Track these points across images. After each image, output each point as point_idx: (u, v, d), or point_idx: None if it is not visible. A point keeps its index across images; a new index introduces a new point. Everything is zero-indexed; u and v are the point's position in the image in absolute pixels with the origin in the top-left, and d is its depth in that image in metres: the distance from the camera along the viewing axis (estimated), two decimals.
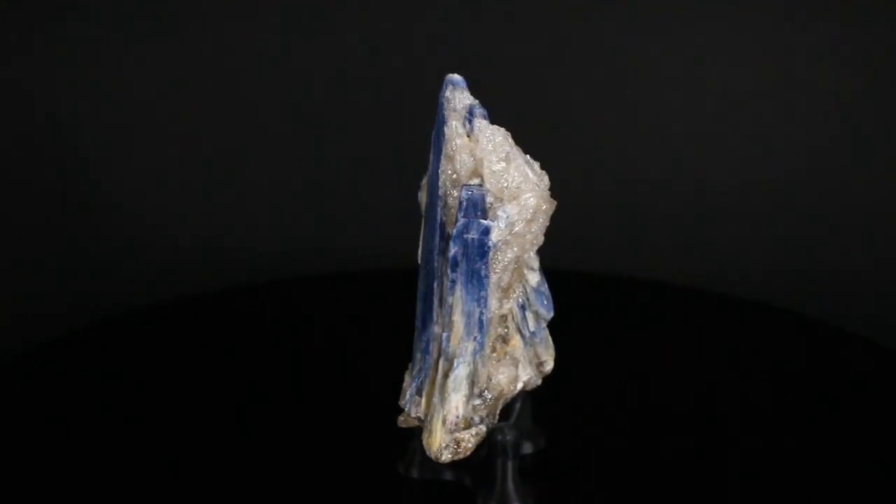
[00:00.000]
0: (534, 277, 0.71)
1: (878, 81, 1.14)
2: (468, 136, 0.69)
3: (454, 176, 0.69)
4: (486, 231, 0.68)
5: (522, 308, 0.71)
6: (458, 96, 0.69)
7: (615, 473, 0.75)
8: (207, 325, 0.93)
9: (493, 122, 0.70)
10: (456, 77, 0.70)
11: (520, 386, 0.72)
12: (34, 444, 0.78)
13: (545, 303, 0.72)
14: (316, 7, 1.15)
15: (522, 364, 0.72)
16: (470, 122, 0.69)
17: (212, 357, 0.88)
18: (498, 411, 0.72)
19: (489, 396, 0.70)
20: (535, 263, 0.71)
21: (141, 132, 1.15)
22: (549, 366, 0.73)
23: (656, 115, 1.16)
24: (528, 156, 0.70)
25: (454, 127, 0.69)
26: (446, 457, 0.70)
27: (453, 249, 0.68)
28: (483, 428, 0.71)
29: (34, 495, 0.73)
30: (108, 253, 1.13)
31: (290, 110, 1.16)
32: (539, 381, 0.73)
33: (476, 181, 0.69)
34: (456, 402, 0.69)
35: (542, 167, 0.71)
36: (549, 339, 0.73)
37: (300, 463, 0.76)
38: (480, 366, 0.70)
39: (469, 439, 0.70)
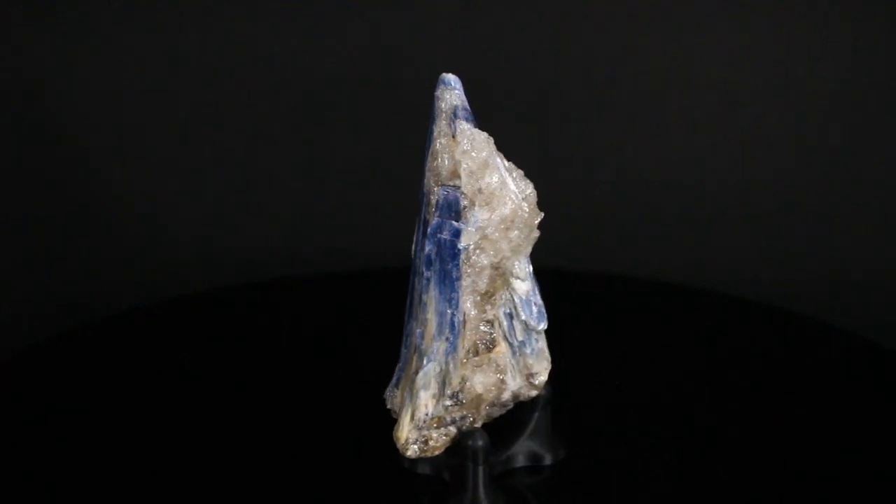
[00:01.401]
0: (522, 286, 0.71)
1: (877, 81, 1.14)
2: (453, 137, 0.69)
3: (437, 175, 0.69)
4: (457, 233, 0.68)
5: (510, 316, 0.71)
6: (446, 96, 0.69)
7: (613, 476, 0.75)
8: (206, 324, 0.93)
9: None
10: (448, 76, 0.70)
11: (507, 395, 0.72)
12: (34, 444, 0.78)
13: (535, 313, 0.71)
14: (318, 6, 1.15)
15: (511, 373, 0.71)
16: (454, 122, 0.69)
17: (212, 356, 0.88)
18: (481, 416, 0.71)
19: (463, 399, 0.70)
20: (524, 273, 0.71)
21: (141, 133, 1.15)
22: (540, 378, 0.72)
23: (656, 115, 1.16)
24: (511, 163, 0.70)
25: (440, 126, 0.69)
26: (413, 452, 0.70)
27: (427, 248, 0.69)
28: (453, 430, 0.71)
29: (34, 495, 0.73)
30: (108, 253, 1.13)
31: (291, 110, 1.16)
32: (532, 393, 0.73)
33: (456, 182, 0.69)
34: (425, 400, 0.70)
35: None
36: (545, 351, 0.72)
37: (303, 458, 0.76)
38: (452, 367, 0.70)
39: (438, 439, 0.70)
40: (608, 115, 1.16)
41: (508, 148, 0.72)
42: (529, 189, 0.70)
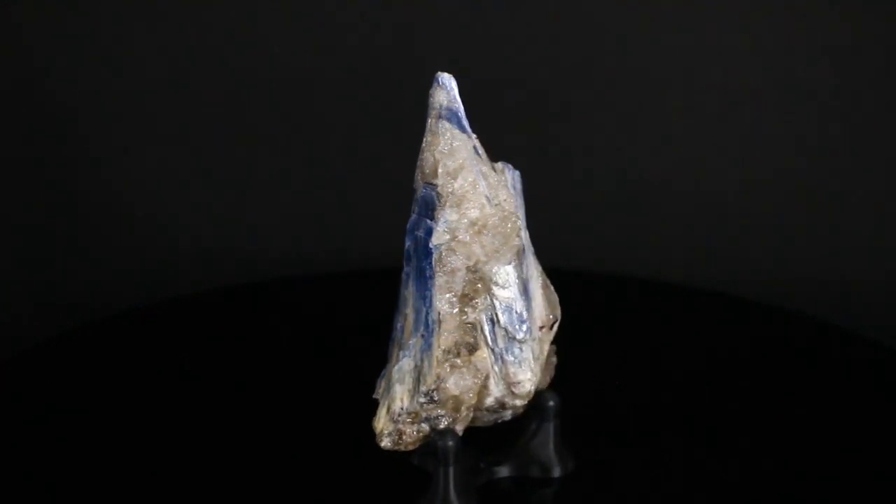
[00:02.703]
0: (503, 293, 0.70)
1: (877, 81, 1.14)
2: (438, 137, 0.69)
3: (423, 172, 0.70)
4: (429, 232, 0.69)
5: (491, 322, 0.71)
6: (437, 95, 0.70)
7: (613, 480, 0.75)
8: (207, 324, 0.93)
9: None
10: (443, 76, 0.70)
11: (490, 400, 0.71)
12: (34, 444, 0.78)
13: (515, 323, 0.70)
14: (317, 6, 1.15)
15: (495, 380, 0.71)
16: (438, 122, 0.69)
17: (212, 356, 0.88)
18: (462, 419, 0.71)
19: (437, 398, 0.70)
20: (506, 280, 0.70)
21: (141, 132, 1.15)
22: (524, 388, 0.71)
23: (656, 114, 1.16)
24: (494, 166, 0.70)
25: (429, 124, 0.70)
26: (386, 444, 0.71)
27: (407, 243, 0.70)
28: (426, 427, 0.71)
29: (34, 494, 0.73)
30: (108, 253, 1.13)
31: (291, 110, 1.16)
32: (517, 402, 0.72)
33: (435, 181, 0.69)
34: (400, 394, 0.70)
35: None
36: (531, 361, 0.71)
37: (303, 458, 0.76)
38: (427, 365, 0.70)
39: (412, 434, 0.71)
40: (608, 115, 1.16)
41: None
42: (504, 196, 0.70)
